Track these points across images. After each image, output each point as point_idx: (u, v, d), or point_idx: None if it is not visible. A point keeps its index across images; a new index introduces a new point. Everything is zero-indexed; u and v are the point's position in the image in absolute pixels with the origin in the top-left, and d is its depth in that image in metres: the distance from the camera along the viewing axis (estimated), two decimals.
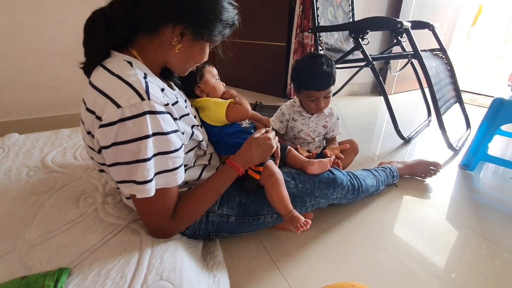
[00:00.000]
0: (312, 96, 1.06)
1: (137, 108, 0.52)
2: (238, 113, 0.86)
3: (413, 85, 3.19)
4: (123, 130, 0.53)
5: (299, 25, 2.27)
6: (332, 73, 1.03)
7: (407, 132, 1.78)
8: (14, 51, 1.54)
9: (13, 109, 1.63)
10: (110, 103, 0.52)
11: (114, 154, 0.55)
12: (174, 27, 0.60)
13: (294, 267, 0.79)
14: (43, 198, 0.77)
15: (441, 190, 1.22)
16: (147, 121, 0.53)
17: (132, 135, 0.53)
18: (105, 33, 0.59)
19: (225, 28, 0.65)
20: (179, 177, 0.61)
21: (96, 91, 0.55)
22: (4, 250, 0.59)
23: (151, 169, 0.55)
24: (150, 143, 0.54)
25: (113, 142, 0.53)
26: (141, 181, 0.55)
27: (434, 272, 0.80)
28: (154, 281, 0.53)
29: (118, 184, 0.58)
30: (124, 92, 0.53)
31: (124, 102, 0.52)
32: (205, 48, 0.68)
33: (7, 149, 1.04)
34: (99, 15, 0.60)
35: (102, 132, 0.53)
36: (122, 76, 0.55)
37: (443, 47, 2.04)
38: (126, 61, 0.59)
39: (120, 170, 0.56)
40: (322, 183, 0.89)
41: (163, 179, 0.59)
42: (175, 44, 0.62)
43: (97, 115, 0.54)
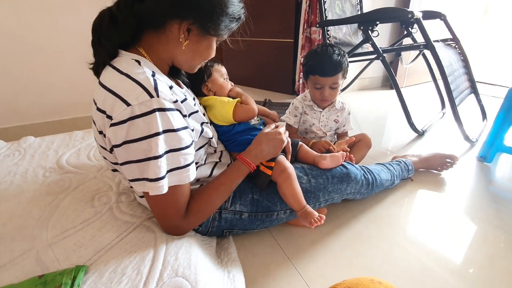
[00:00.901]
0: (317, 82, 1.05)
1: (146, 106, 0.52)
2: (245, 112, 0.85)
3: (425, 77, 3.11)
4: (134, 128, 0.53)
5: (306, 20, 2.24)
6: (340, 62, 1.01)
7: (420, 125, 1.73)
8: (27, 56, 1.58)
9: (28, 113, 1.68)
10: (120, 101, 0.53)
11: (125, 153, 0.55)
12: (180, 23, 0.60)
13: (309, 263, 0.78)
14: (59, 198, 0.78)
15: (458, 183, 1.18)
16: (156, 118, 0.53)
17: (142, 133, 0.53)
18: (112, 32, 0.59)
19: (231, 22, 0.64)
20: (191, 174, 0.61)
21: (106, 91, 0.55)
22: (22, 250, 0.60)
23: (163, 166, 0.55)
24: (161, 140, 0.54)
25: (124, 140, 0.54)
26: (154, 178, 0.55)
27: (452, 268, 0.77)
28: (169, 277, 0.53)
29: (131, 183, 0.58)
30: (133, 90, 0.53)
31: (134, 100, 0.52)
32: (212, 44, 0.67)
33: (23, 152, 1.06)
34: (105, 14, 0.60)
35: (113, 131, 0.54)
36: (131, 74, 0.55)
37: (455, 37, 1.98)
38: (134, 60, 0.59)
39: (132, 168, 0.56)
40: (335, 178, 0.87)
41: (175, 176, 0.58)
42: (182, 41, 0.62)
43: (107, 114, 0.54)
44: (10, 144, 1.13)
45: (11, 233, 0.65)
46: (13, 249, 0.60)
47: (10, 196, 0.80)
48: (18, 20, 1.50)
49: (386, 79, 3.07)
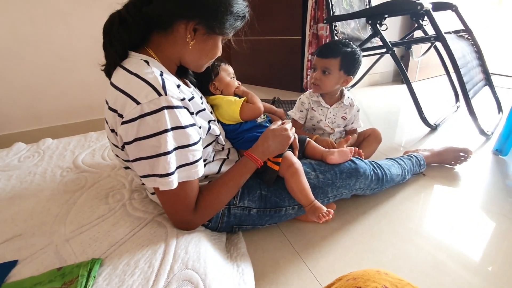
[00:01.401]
0: (314, 63, 1.06)
1: (155, 104, 0.54)
2: (251, 111, 0.86)
3: (438, 70, 3.03)
4: (144, 126, 0.55)
5: (312, 16, 2.23)
6: (339, 50, 1.01)
7: (433, 119, 1.69)
8: (44, 62, 1.64)
9: (46, 117, 1.75)
10: (130, 100, 0.55)
11: (136, 149, 0.57)
12: (187, 23, 0.61)
13: (318, 259, 0.78)
14: (76, 196, 0.82)
15: (473, 177, 1.15)
16: (165, 116, 0.55)
17: (152, 130, 0.55)
18: (122, 34, 0.61)
19: (236, 21, 0.65)
20: (199, 169, 0.63)
21: (117, 91, 0.57)
22: (42, 244, 0.64)
23: (172, 162, 0.57)
24: (170, 137, 0.56)
25: (135, 137, 0.56)
26: (163, 174, 0.57)
27: (467, 263, 0.76)
28: (179, 270, 0.54)
29: (142, 179, 0.60)
30: (142, 89, 0.55)
31: (143, 99, 0.54)
32: (217, 43, 0.69)
33: (42, 153, 1.11)
34: (115, 17, 0.63)
35: (124, 128, 0.56)
36: (140, 74, 0.57)
37: (468, 28, 1.92)
38: (143, 60, 0.61)
39: (143, 164, 0.58)
40: (343, 173, 0.87)
41: (185, 172, 0.60)
42: (188, 40, 0.64)
43: (118, 113, 0.57)
44: (30, 146, 1.18)
45: (31, 229, 0.69)
46: (33, 244, 0.64)
47: (31, 195, 0.84)
48: (34, 28, 1.57)
49: (397, 74, 3.01)
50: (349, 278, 0.42)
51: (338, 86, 1.09)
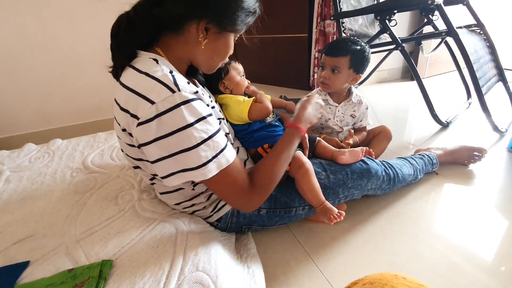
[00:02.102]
0: (322, 61, 1.04)
1: (169, 102, 0.53)
2: (259, 111, 0.85)
3: (448, 67, 2.97)
4: (162, 125, 0.53)
5: (319, 13, 2.20)
6: (348, 48, 0.98)
7: (445, 116, 1.66)
8: (52, 64, 1.66)
9: (55, 118, 1.77)
10: (143, 100, 0.53)
11: (158, 149, 0.55)
12: (198, 23, 0.60)
13: (329, 260, 0.77)
14: (86, 197, 0.82)
15: (487, 175, 1.12)
16: (182, 112, 0.54)
17: (172, 128, 0.53)
18: (130, 36, 0.61)
19: (247, 17, 0.64)
20: (231, 152, 0.61)
21: (127, 90, 0.56)
22: (53, 245, 0.64)
23: (202, 154, 0.55)
24: (194, 130, 0.54)
25: (155, 137, 0.54)
26: (195, 167, 0.55)
27: (482, 264, 0.73)
28: (190, 272, 0.54)
29: (165, 179, 0.58)
30: (154, 88, 0.54)
31: (156, 98, 0.53)
32: (229, 41, 0.68)
33: (52, 154, 1.12)
34: (123, 18, 0.62)
35: (141, 130, 0.54)
36: (149, 72, 0.56)
37: (480, 22, 1.87)
38: (152, 59, 0.60)
39: (167, 163, 0.56)
40: (355, 173, 0.85)
41: (219, 159, 0.58)
42: (201, 40, 0.62)
43: (131, 113, 0.55)
44: (40, 147, 1.19)
45: (43, 230, 0.69)
46: (45, 245, 0.64)
47: (42, 196, 0.84)
48: (42, 30, 1.59)
49: (406, 70, 2.96)
50: (365, 282, 0.41)
51: (346, 84, 1.07)
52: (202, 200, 0.73)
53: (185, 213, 0.76)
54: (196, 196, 0.73)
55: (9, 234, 0.68)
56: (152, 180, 0.72)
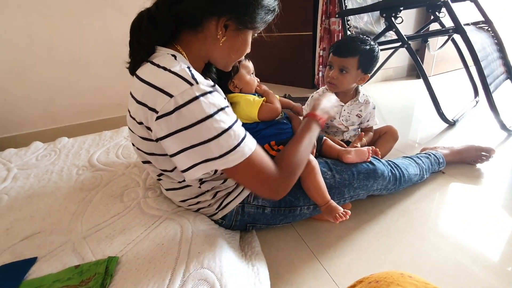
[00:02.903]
0: (330, 61, 1.02)
1: (188, 94, 0.53)
2: (269, 112, 0.85)
3: (455, 64, 2.93)
4: (182, 117, 0.53)
5: (324, 11, 2.19)
6: (357, 48, 0.96)
7: (451, 115, 1.64)
8: (58, 63, 1.68)
9: (61, 117, 1.79)
10: (161, 94, 0.53)
11: (179, 141, 0.55)
12: (218, 20, 0.60)
13: (334, 259, 0.76)
14: (91, 194, 0.83)
15: (494, 174, 1.10)
16: (201, 104, 0.53)
17: (192, 120, 0.53)
18: (150, 31, 0.61)
19: (267, 14, 0.64)
20: (253, 139, 0.60)
21: (145, 84, 0.56)
22: (60, 242, 0.65)
23: (224, 144, 0.55)
24: (213, 121, 0.54)
25: (175, 130, 0.54)
26: (218, 156, 0.55)
27: (489, 264, 0.72)
28: (195, 269, 0.54)
29: (186, 172, 0.58)
30: (172, 81, 0.54)
31: (175, 91, 0.53)
32: (247, 39, 0.68)
33: (59, 152, 1.13)
34: (144, 15, 0.62)
35: (160, 123, 0.54)
36: (167, 67, 0.56)
37: (488, 19, 1.84)
38: (170, 55, 0.60)
39: (189, 154, 0.55)
40: (361, 174, 0.84)
41: (244, 147, 0.57)
42: (220, 37, 0.62)
43: (150, 107, 0.55)
44: (46, 145, 1.21)
45: (49, 226, 0.70)
46: (52, 241, 0.65)
47: (48, 193, 0.85)
48: (49, 30, 1.60)
49: (412, 68, 2.93)
50: (371, 281, 0.41)
51: (354, 84, 1.06)
52: (207, 198, 0.73)
53: (190, 210, 0.76)
54: (202, 194, 0.73)
55: (17, 231, 0.69)
56: (159, 176, 0.72)
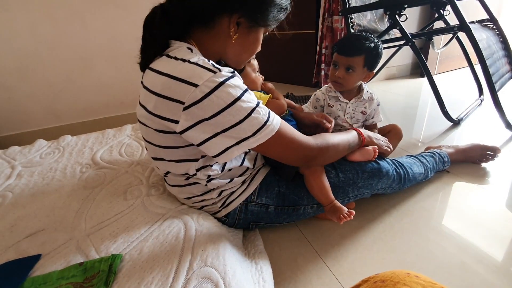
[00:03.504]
0: (334, 60, 1.00)
1: (213, 82, 0.53)
2: (276, 108, 0.84)
3: (459, 63, 2.91)
4: (211, 104, 0.53)
5: (327, 9, 2.18)
6: (362, 46, 0.94)
7: (456, 113, 1.62)
8: (61, 61, 1.68)
9: (65, 115, 1.80)
10: (185, 85, 0.53)
11: (210, 128, 0.55)
12: (230, 17, 0.60)
13: (338, 257, 0.76)
14: (95, 192, 0.83)
15: (499, 173, 1.09)
16: (227, 88, 0.54)
17: (221, 105, 0.54)
18: (164, 25, 0.61)
19: (279, 13, 0.64)
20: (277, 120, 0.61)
21: (164, 76, 0.55)
22: (64, 239, 0.65)
23: (255, 122, 0.56)
24: (241, 103, 0.55)
25: (205, 117, 0.54)
26: (251, 135, 0.56)
27: (493, 265, 0.72)
28: (198, 267, 0.54)
29: (218, 157, 0.59)
30: (194, 71, 0.54)
31: (199, 80, 0.53)
32: (259, 37, 0.68)
33: (62, 150, 1.14)
34: (157, 9, 0.62)
35: (189, 113, 0.54)
36: (186, 58, 0.56)
37: (493, 17, 1.82)
38: (186, 48, 0.60)
39: (221, 139, 0.57)
40: (365, 173, 0.84)
41: (273, 121, 0.59)
42: (232, 35, 0.62)
43: (174, 99, 0.54)
44: (50, 143, 1.21)
45: (54, 224, 0.70)
46: (56, 239, 0.65)
47: (52, 190, 0.86)
48: (53, 28, 1.60)
49: (415, 67, 2.91)
50: (376, 280, 0.40)
51: (359, 82, 1.05)
52: (213, 196, 0.73)
53: (193, 208, 0.76)
54: (208, 192, 0.73)
55: (21, 228, 0.69)
56: (166, 174, 0.73)
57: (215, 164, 0.69)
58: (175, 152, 0.65)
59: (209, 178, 0.70)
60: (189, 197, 0.74)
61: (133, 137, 1.24)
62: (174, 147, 0.64)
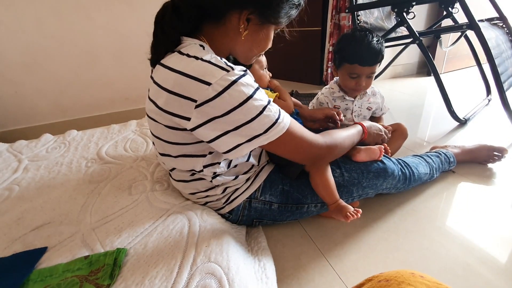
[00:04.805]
0: (354, 72, 0.97)
1: (225, 80, 0.53)
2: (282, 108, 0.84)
3: (467, 62, 2.87)
4: (223, 103, 0.54)
5: (334, 6, 2.15)
6: (381, 50, 0.94)
7: (463, 113, 1.60)
8: (68, 56, 1.69)
9: (70, 110, 1.81)
10: (197, 83, 0.53)
11: (221, 126, 0.56)
12: (240, 12, 0.60)
13: (341, 256, 0.76)
14: (100, 187, 0.84)
15: (506, 174, 1.08)
16: (240, 87, 0.54)
17: (233, 104, 0.54)
18: (175, 21, 0.61)
19: (291, 9, 0.64)
20: (287, 118, 0.61)
21: (176, 73, 0.55)
22: (69, 233, 0.65)
23: (266, 120, 0.56)
24: (253, 101, 0.55)
25: (216, 115, 0.55)
26: (262, 133, 0.57)
27: (497, 266, 0.71)
28: (202, 262, 0.54)
29: (228, 153, 0.59)
30: (207, 70, 0.54)
31: (212, 79, 0.53)
32: (270, 33, 0.67)
33: (68, 144, 1.15)
34: (168, 5, 0.62)
35: (200, 111, 0.54)
36: (199, 56, 0.56)
37: (503, 15, 1.79)
38: (198, 45, 0.60)
39: (232, 137, 0.57)
40: (371, 173, 0.83)
41: (284, 119, 0.59)
42: (242, 31, 0.62)
43: (186, 96, 0.54)
44: (56, 137, 1.22)
45: (59, 217, 0.71)
46: (62, 232, 0.65)
47: (58, 184, 0.87)
48: (59, 23, 1.61)
49: (422, 66, 2.87)
50: (380, 279, 0.40)
51: None
52: (217, 192, 0.73)
53: (197, 204, 0.76)
54: (212, 188, 0.73)
55: (27, 221, 0.70)
56: (172, 170, 0.73)
57: (223, 161, 0.69)
58: (183, 148, 0.65)
59: (215, 175, 0.70)
60: (194, 193, 0.74)
61: (138, 132, 1.25)
62: (183, 144, 0.64)
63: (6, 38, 1.53)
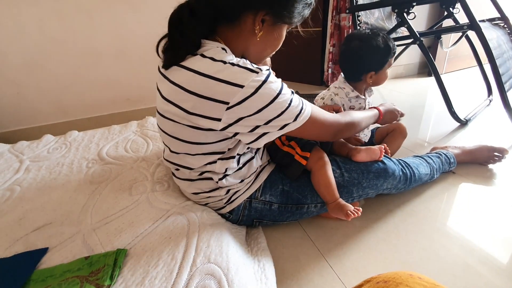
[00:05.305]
0: (391, 63, 1.04)
1: (256, 82, 0.56)
2: None
3: (468, 62, 2.86)
4: (256, 102, 0.56)
5: (335, 6, 2.15)
6: None
7: (464, 114, 1.60)
8: (69, 57, 1.70)
9: (71, 110, 1.82)
10: (230, 86, 0.55)
11: (253, 122, 0.59)
12: (255, 14, 0.60)
13: (341, 257, 0.76)
14: (101, 187, 0.84)
15: (507, 175, 1.08)
16: (270, 86, 0.57)
17: (264, 102, 0.57)
18: (193, 24, 0.61)
19: (304, 9, 0.64)
20: (308, 107, 0.65)
21: (205, 78, 0.55)
22: (70, 233, 0.66)
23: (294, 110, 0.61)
24: (282, 96, 0.59)
25: (249, 114, 0.57)
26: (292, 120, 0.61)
27: (497, 267, 0.71)
28: (202, 263, 0.54)
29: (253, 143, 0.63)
30: (236, 73, 0.56)
31: (244, 81, 0.55)
32: (282, 33, 0.68)
33: (69, 145, 1.15)
34: (184, 8, 0.62)
35: (232, 111, 0.57)
36: (226, 60, 0.57)
37: (504, 15, 1.79)
38: (220, 48, 0.60)
39: (262, 129, 0.61)
40: (371, 173, 0.83)
41: (307, 106, 0.64)
42: (257, 32, 0.63)
43: (217, 100, 0.56)
44: (57, 138, 1.23)
45: (60, 218, 0.71)
46: (62, 232, 0.66)
47: (59, 185, 0.87)
48: (60, 24, 1.62)
49: (423, 66, 2.87)
50: (379, 281, 0.40)
51: None
52: (221, 193, 0.74)
53: (198, 204, 0.77)
54: (216, 189, 0.73)
55: (29, 221, 0.71)
56: (179, 167, 0.73)
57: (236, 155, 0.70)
58: (204, 147, 0.65)
59: (223, 175, 0.70)
60: (197, 193, 0.75)
61: (138, 133, 1.26)
62: (205, 143, 0.64)
63: (8, 39, 1.54)
